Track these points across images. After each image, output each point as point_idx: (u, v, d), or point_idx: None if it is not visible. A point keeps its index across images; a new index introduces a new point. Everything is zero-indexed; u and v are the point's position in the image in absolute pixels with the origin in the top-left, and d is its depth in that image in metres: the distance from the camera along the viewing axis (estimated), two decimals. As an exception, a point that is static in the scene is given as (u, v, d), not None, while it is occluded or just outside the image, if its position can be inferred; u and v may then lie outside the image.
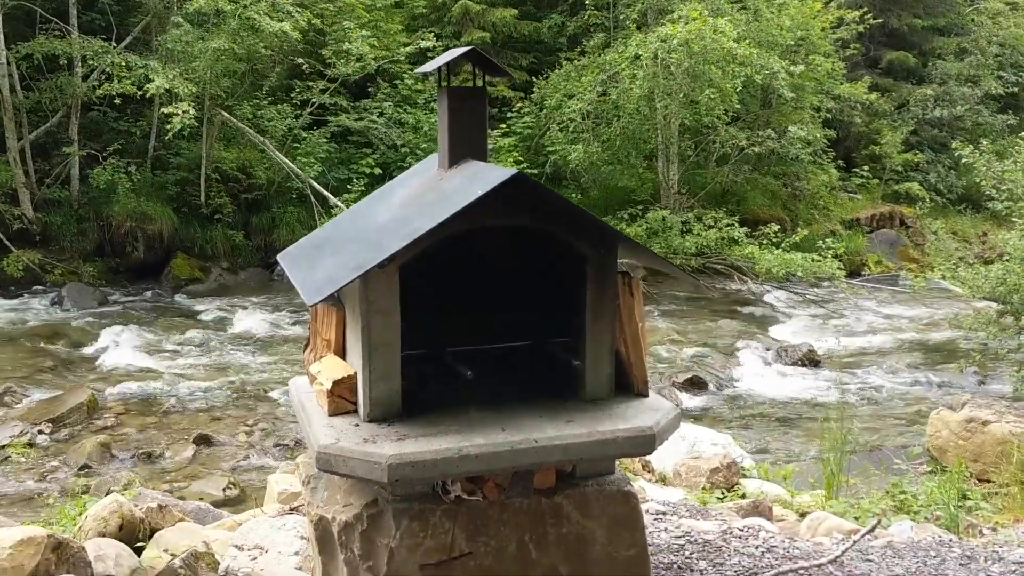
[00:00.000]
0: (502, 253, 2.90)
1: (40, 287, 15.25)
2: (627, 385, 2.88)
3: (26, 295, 14.98)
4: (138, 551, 4.65)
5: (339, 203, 14.92)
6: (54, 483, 8.29)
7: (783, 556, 3.47)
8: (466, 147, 2.81)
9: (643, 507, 4.13)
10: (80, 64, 15.62)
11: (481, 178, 2.55)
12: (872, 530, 3.59)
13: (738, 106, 16.36)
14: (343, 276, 2.44)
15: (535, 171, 17.29)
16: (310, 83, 17.17)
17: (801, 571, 3.23)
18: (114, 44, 15.40)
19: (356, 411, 2.67)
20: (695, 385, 10.93)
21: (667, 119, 16.42)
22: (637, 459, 5.74)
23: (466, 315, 2.94)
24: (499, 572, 2.69)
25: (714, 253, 15.60)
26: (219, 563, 3.90)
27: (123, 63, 14.51)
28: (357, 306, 2.59)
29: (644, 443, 2.63)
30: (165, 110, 14.21)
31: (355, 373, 2.66)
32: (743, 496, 5.49)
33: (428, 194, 2.78)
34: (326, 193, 15.59)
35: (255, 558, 3.62)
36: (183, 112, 13.75)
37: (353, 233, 2.85)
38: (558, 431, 2.58)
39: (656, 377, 11.05)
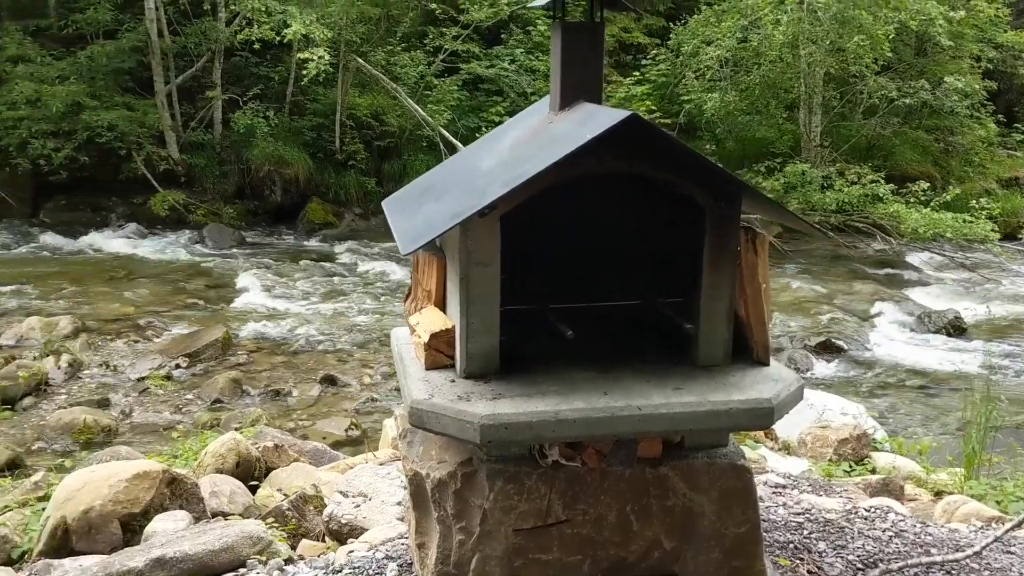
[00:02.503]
0: (614, 203, 2.69)
1: (184, 227, 15.90)
2: (745, 351, 2.66)
3: (170, 234, 15.66)
4: (253, 489, 4.74)
5: (468, 151, 14.87)
6: (187, 416, 8.64)
7: (913, 543, 3.18)
8: (579, 87, 2.61)
9: (761, 478, 3.90)
10: (223, 9, 16.01)
11: (592, 121, 2.35)
12: (1020, 525, 3.25)
13: (889, 54, 15.35)
14: (440, 224, 2.31)
15: (668, 121, 16.79)
16: (443, 29, 17.11)
17: (935, 566, 2.94)
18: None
19: (453, 366, 2.55)
20: (828, 349, 10.43)
21: (811, 67, 15.58)
22: (759, 425, 5.46)
23: (573, 270, 2.76)
24: (597, 541, 2.54)
25: (856, 211, 14.81)
26: (326, 506, 3.91)
27: (263, 8, 14.77)
28: (456, 256, 2.45)
29: (761, 416, 2.41)
30: (301, 55, 14.43)
31: (453, 326, 2.54)
32: (873, 471, 5.16)
33: (536, 139, 2.60)
34: (455, 141, 15.58)
35: (358, 505, 3.60)
36: (318, 58, 13.93)
37: (457, 178, 2.70)
38: (665, 399, 2.38)
39: (787, 340, 10.62)
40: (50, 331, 10.38)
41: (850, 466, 5.17)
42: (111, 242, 15.12)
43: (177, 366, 9.85)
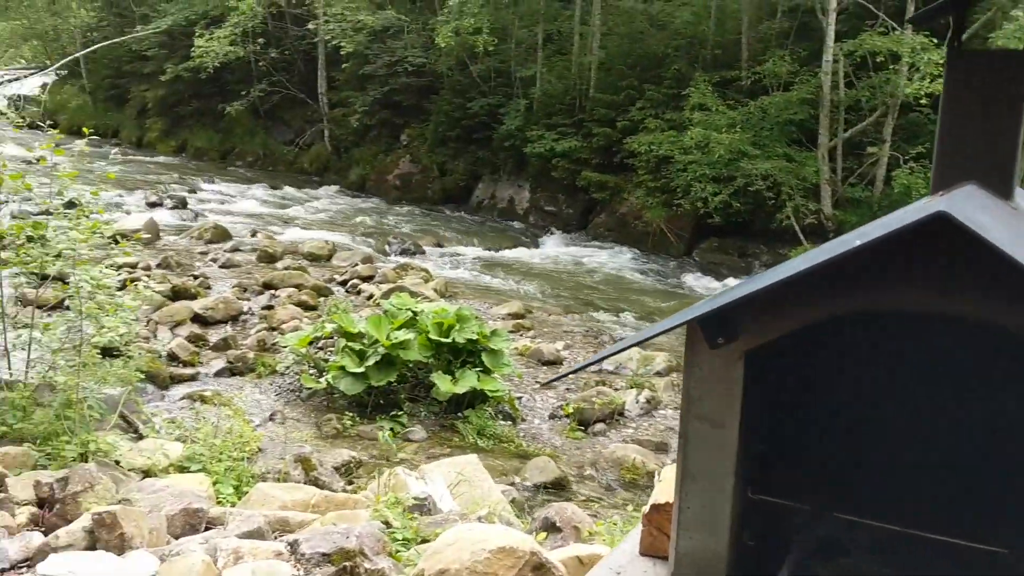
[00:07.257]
0: (976, 369, 1.50)
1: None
2: None
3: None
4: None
5: None
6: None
7: None
8: (968, 158, 1.50)
9: None
10: (907, 63, 14.98)
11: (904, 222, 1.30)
12: None
13: None
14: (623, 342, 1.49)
15: None
16: None
17: None
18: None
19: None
20: None
21: None
22: None
23: (893, 466, 1.62)
24: None
25: None
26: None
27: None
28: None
29: None
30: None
31: (684, 501, 1.67)
32: None
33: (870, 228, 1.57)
34: None
35: None
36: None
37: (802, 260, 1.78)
38: None
39: None
40: (645, 364, 10.75)
41: None
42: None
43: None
